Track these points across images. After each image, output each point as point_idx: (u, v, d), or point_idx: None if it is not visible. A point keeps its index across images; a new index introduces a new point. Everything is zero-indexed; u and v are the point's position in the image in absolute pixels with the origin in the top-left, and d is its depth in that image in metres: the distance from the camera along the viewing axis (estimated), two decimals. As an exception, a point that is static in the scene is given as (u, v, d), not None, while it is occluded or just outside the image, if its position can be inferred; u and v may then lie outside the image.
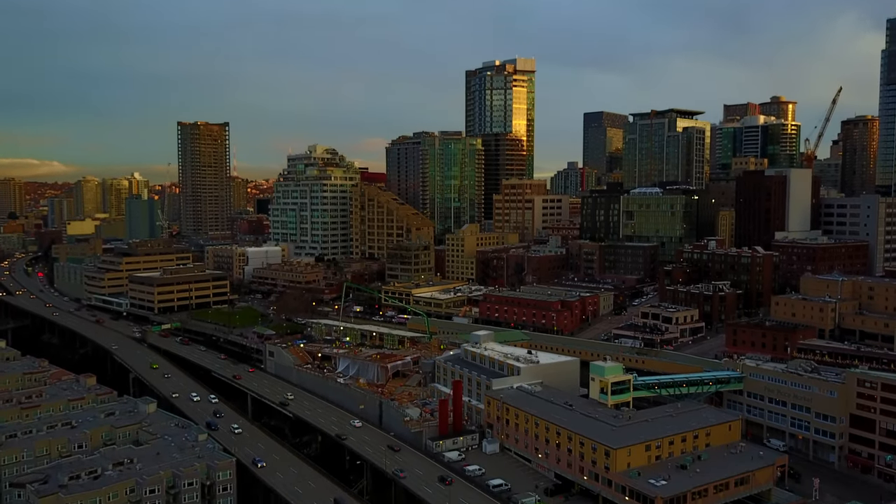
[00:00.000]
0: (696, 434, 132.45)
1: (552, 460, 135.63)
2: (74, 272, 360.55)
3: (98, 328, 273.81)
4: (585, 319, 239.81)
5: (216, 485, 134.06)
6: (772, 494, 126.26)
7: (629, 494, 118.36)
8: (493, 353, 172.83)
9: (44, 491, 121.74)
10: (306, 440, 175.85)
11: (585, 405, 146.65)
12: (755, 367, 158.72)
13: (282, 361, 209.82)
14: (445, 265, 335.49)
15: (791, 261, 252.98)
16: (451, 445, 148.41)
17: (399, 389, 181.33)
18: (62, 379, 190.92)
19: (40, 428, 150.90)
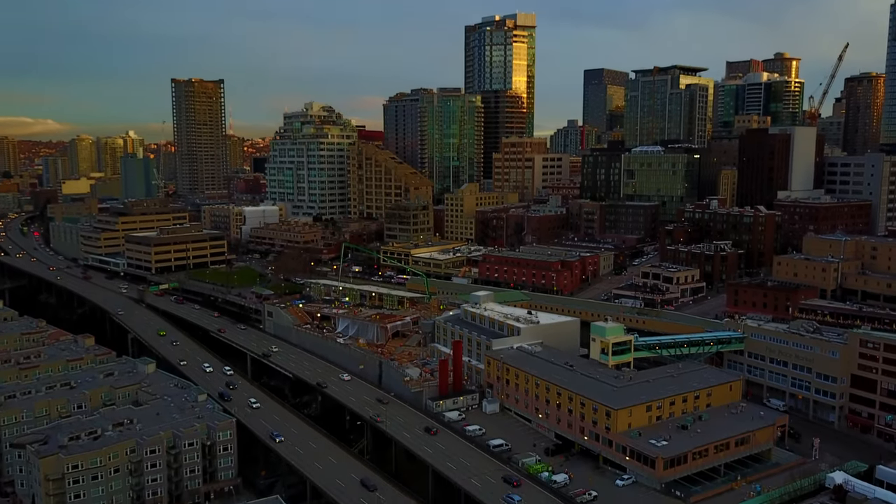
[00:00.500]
0: (697, 394, 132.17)
1: (552, 420, 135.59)
2: (70, 232, 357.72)
3: (96, 288, 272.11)
4: (585, 279, 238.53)
5: (216, 445, 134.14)
6: (771, 454, 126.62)
7: (630, 455, 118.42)
8: (493, 314, 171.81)
9: (44, 451, 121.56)
10: (306, 400, 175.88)
11: (586, 365, 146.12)
12: (756, 328, 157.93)
13: (281, 321, 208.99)
14: (444, 225, 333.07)
15: (793, 220, 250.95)
16: (451, 405, 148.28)
17: (399, 349, 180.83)
18: (60, 339, 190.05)
19: (39, 388, 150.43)
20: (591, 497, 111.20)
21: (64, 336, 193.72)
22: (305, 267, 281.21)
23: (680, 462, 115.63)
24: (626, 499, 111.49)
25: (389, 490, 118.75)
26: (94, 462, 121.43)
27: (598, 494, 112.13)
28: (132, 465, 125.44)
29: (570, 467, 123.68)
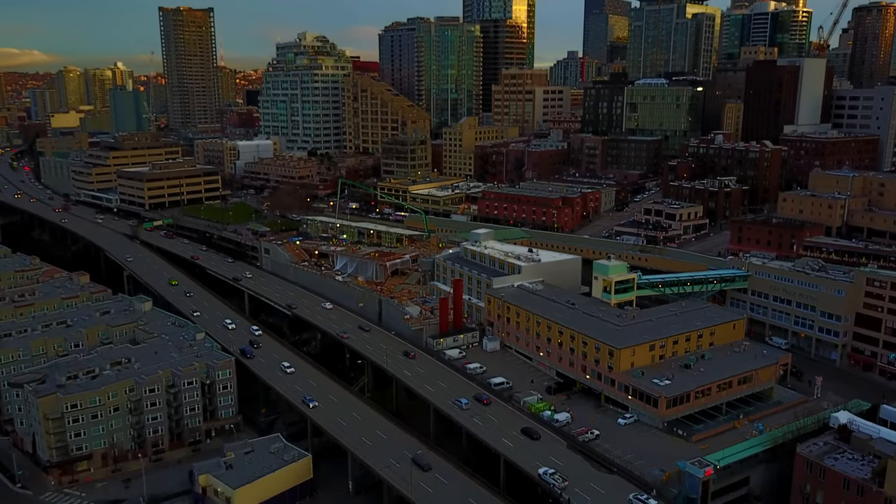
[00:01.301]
0: (701, 333, 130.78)
1: (554, 359, 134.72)
2: (61, 167, 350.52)
3: (90, 225, 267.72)
4: (586, 216, 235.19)
5: (216, 384, 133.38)
6: (773, 392, 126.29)
7: (632, 394, 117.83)
8: (494, 252, 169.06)
9: (42, 391, 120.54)
10: (305, 338, 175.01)
11: (588, 304, 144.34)
12: (761, 266, 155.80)
13: (278, 259, 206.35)
14: (442, 160, 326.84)
15: (798, 155, 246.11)
16: (452, 343, 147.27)
17: (398, 288, 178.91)
18: (55, 277, 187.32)
19: (35, 327, 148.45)
20: (594, 436, 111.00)
21: (58, 273, 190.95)
22: (301, 203, 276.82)
23: (682, 401, 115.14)
24: (628, 437, 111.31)
25: (390, 428, 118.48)
26: (93, 401, 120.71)
27: (601, 433, 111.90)
28: (131, 404, 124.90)
29: (572, 406, 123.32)
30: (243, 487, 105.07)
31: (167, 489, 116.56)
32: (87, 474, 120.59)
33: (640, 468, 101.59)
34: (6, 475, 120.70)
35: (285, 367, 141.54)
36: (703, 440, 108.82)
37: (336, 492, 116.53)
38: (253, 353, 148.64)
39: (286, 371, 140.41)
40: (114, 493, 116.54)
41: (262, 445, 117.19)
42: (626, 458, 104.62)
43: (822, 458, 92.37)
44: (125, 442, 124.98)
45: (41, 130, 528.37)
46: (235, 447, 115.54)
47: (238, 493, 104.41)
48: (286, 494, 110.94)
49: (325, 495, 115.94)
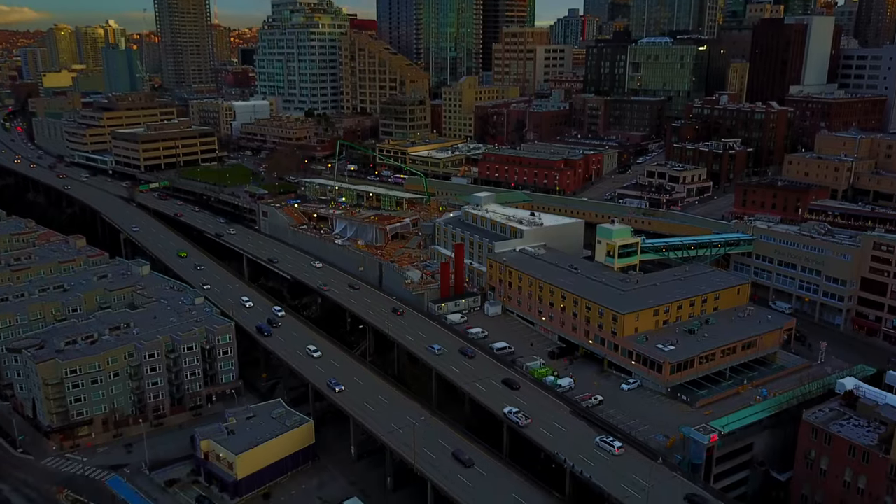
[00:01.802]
0: (705, 298, 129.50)
1: (556, 324, 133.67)
2: (54, 128, 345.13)
3: (83, 187, 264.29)
4: (588, 179, 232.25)
5: (216, 349, 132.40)
6: (777, 357, 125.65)
7: (636, 359, 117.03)
8: (495, 216, 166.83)
9: (41, 356, 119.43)
10: (305, 302, 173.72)
11: (591, 268, 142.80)
12: (766, 230, 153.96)
13: (276, 222, 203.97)
14: (442, 121, 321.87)
15: (804, 117, 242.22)
16: (453, 308, 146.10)
17: (398, 252, 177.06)
18: (51, 240, 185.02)
19: (32, 291, 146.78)
20: (597, 401, 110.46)
21: (55, 237, 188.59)
22: (299, 165, 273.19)
23: (686, 367, 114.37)
24: (631, 403, 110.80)
25: (392, 392, 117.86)
26: (93, 367, 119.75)
27: (604, 399, 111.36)
28: (131, 370, 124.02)
29: (574, 371, 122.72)
30: (245, 453, 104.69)
31: (169, 454, 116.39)
32: (89, 439, 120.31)
33: (644, 434, 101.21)
34: (7, 440, 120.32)
35: (312, 352, 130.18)
36: (707, 406, 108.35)
37: (338, 457, 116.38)
38: (270, 331, 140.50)
39: (312, 355, 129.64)
40: (115, 457, 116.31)
41: (264, 411, 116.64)
42: (630, 423, 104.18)
43: (827, 424, 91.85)
44: (126, 407, 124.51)
45: (33, 90, 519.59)
46: (237, 413, 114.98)
47: (240, 459, 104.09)
48: (288, 460, 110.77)
49: (327, 460, 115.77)
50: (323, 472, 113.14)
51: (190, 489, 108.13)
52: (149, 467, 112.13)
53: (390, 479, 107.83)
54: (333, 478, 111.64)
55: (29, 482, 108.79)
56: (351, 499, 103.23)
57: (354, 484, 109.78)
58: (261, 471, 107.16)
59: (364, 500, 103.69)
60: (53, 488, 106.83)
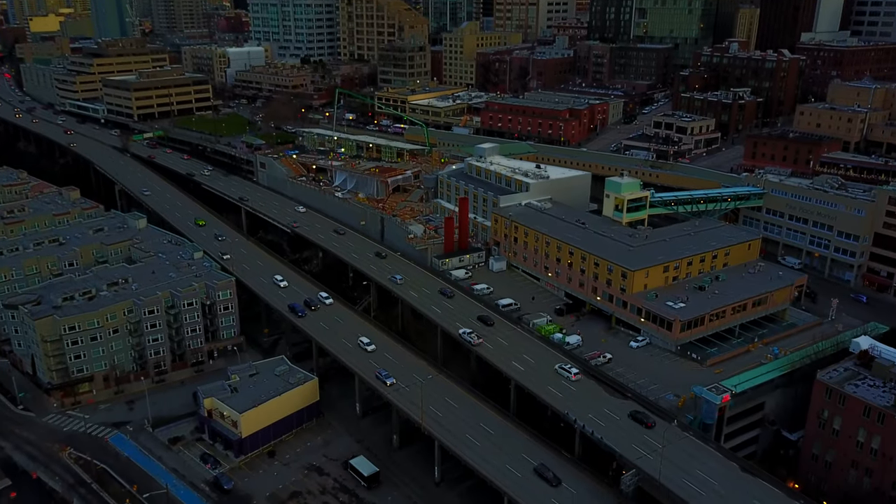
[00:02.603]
0: (715, 254, 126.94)
1: (563, 280, 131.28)
2: (43, 75, 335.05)
3: (82, 140, 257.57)
4: (594, 129, 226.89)
5: (217, 304, 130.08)
6: (786, 314, 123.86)
7: (646, 316, 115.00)
8: (500, 168, 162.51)
9: (38, 312, 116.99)
10: (306, 256, 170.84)
11: (599, 223, 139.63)
12: (778, 184, 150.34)
13: (274, 173, 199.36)
14: (442, 69, 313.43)
15: (815, 66, 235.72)
16: (458, 263, 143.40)
17: (400, 205, 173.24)
18: (44, 192, 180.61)
19: (27, 245, 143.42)
20: (606, 360, 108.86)
21: (48, 188, 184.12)
22: (296, 114, 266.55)
23: (696, 325, 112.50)
24: (641, 361, 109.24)
25: (397, 349, 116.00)
26: (92, 323, 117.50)
27: (613, 357, 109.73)
28: (131, 326, 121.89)
29: (581, 328, 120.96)
30: (249, 411, 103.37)
31: (171, 411, 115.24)
32: (90, 396, 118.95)
33: (654, 393, 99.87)
34: (7, 397, 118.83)
35: (364, 345, 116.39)
36: (717, 364, 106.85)
37: (342, 413, 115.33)
38: (305, 311, 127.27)
39: (366, 348, 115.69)
40: (118, 415, 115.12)
41: (268, 368, 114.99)
42: (640, 382, 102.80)
43: (842, 384, 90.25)
44: (126, 364, 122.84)
45: (20, 35, 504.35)
46: (240, 370, 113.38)
47: (244, 417, 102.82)
48: (293, 417, 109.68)
49: (332, 417, 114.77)
50: (328, 429, 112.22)
51: (194, 447, 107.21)
52: (151, 425, 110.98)
53: (396, 436, 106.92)
54: (338, 435, 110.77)
55: (31, 440, 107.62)
56: (358, 457, 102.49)
57: (360, 441, 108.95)
58: (265, 428, 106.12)
59: (370, 458, 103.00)
60: (56, 446, 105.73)
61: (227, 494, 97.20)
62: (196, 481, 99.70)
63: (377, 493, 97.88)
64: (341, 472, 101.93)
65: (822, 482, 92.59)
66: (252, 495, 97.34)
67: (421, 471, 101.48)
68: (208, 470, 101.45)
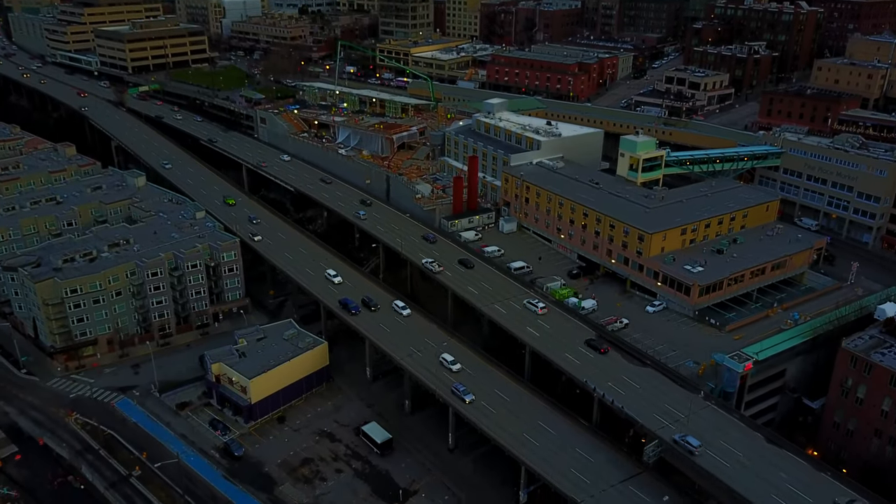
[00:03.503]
0: (733, 216, 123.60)
1: (576, 242, 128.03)
2: (33, 25, 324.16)
3: (69, 90, 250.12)
4: (603, 84, 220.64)
5: (221, 266, 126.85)
6: (804, 277, 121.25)
7: (663, 280, 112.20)
8: (509, 125, 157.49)
9: (38, 275, 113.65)
10: (310, 215, 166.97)
11: (613, 183, 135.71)
12: (797, 143, 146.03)
13: (275, 129, 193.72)
14: (445, 20, 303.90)
15: (832, 18, 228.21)
16: (467, 225, 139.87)
17: (406, 163, 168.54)
18: (38, 148, 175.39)
19: (23, 204, 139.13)
20: (623, 325, 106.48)
21: (42, 144, 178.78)
22: (296, 67, 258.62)
23: (715, 289, 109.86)
24: (658, 326, 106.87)
25: (412, 313, 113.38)
26: (94, 286, 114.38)
27: (629, 322, 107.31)
28: (134, 288, 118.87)
29: (595, 291, 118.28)
30: (259, 377, 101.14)
31: (178, 375, 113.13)
32: (94, 360, 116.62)
33: (673, 360, 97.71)
34: (9, 360, 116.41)
35: (447, 363, 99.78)
36: (736, 330, 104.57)
37: (352, 377, 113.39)
38: (359, 308, 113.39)
39: (451, 369, 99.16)
40: (123, 379, 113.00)
41: (275, 331, 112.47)
42: (658, 349, 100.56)
43: (868, 352, 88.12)
44: (130, 326, 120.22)
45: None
46: (247, 334, 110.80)
47: (254, 383, 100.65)
48: (302, 382, 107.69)
49: (342, 381, 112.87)
50: (338, 393, 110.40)
51: (202, 412, 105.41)
52: (158, 389, 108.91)
53: (408, 402, 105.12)
54: (349, 399, 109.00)
55: (35, 405, 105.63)
56: (370, 423, 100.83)
57: (371, 406, 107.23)
58: (275, 394, 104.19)
59: (382, 424, 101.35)
60: (61, 411, 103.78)
61: (237, 461, 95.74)
62: (206, 447, 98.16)
63: (390, 460, 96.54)
64: (353, 439, 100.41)
65: (841, 450, 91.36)
66: (263, 462, 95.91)
67: (434, 437, 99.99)
68: (218, 436, 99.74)
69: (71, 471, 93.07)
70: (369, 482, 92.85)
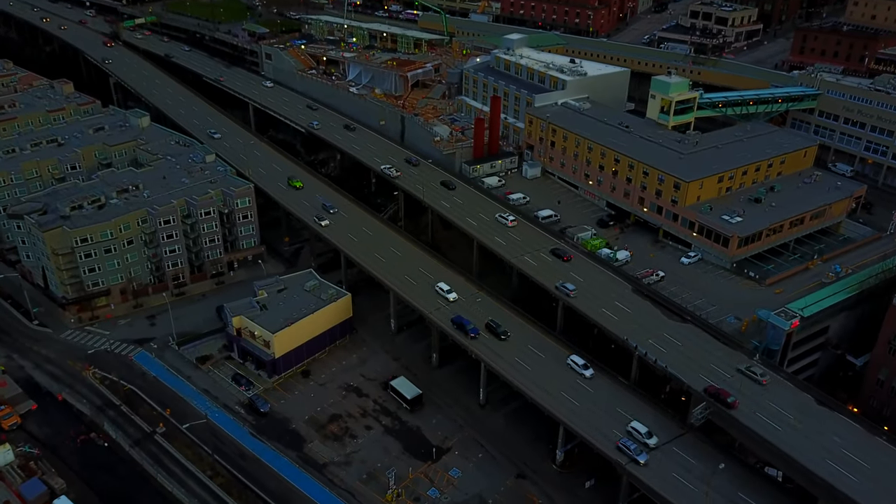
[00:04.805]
0: (771, 162, 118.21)
1: (605, 188, 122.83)
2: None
3: (60, 23, 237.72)
4: (623, 18, 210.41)
5: (235, 213, 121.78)
6: (841, 227, 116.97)
7: (699, 231, 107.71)
8: (531, 62, 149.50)
9: (46, 223, 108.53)
10: (322, 158, 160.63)
11: (643, 127, 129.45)
12: (835, 83, 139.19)
13: (282, 66, 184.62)
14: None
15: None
16: (489, 170, 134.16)
17: (421, 102, 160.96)
18: (34, 85, 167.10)
19: (23, 146, 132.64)
20: (659, 278, 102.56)
21: (37, 81, 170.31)
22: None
23: (754, 240, 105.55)
24: (694, 279, 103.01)
25: (433, 264, 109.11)
26: (105, 235, 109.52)
27: (665, 274, 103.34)
28: (146, 237, 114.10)
29: (626, 241, 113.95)
30: (283, 331, 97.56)
31: (195, 326, 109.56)
32: (108, 311, 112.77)
33: (713, 315, 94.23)
34: (20, 311, 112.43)
35: None
36: (776, 283, 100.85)
37: (375, 329, 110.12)
38: (479, 332, 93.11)
39: None
40: (139, 330, 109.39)
41: (296, 282, 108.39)
42: (697, 303, 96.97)
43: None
44: (143, 276, 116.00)
45: None
46: (267, 285, 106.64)
47: (278, 337, 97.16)
48: (326, 334, 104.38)
49: (365, 333, 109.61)
50: (362, 346, 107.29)
51: (223, 366, 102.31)
52: (177, 342, 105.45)
53: (436, 355, 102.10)
54: (374, 352, 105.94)
55: (51, 358, 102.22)
56: (398, 378, 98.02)
57: (397, 360, 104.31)
58: (298, 348, 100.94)
59: (410, 378, 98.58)
60: (78, 365, 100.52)
61: (263, 417, 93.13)
62: (230, 403, 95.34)
63: (420, 416, 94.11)
64: (381, 393, 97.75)
65: (884, 407, 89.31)
66: (290, 419, 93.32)
67: (463, 391, 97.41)
68: (242, 392, 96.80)
69: (93, 428, 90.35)
70: (400, 439, 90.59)
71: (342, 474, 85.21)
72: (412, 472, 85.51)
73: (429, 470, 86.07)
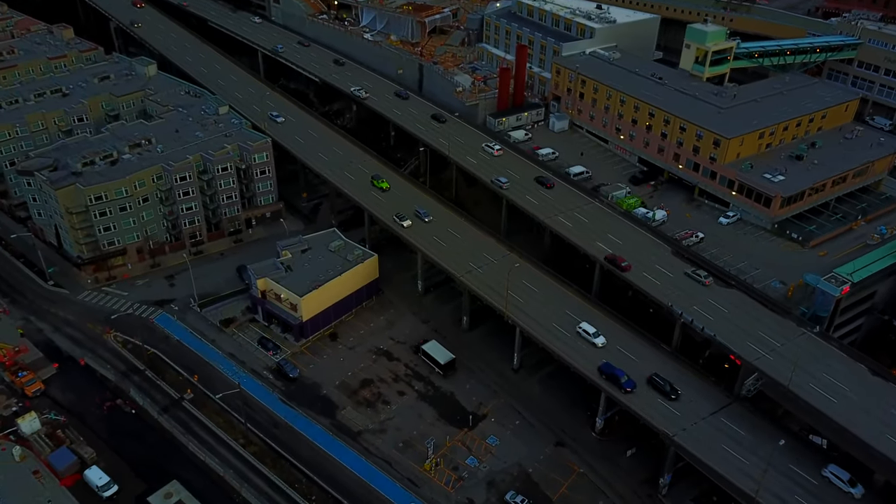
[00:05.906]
0: (812, 117, 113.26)
1: (638, 143, 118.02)
2: None
3: None
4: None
5: (252, 168, 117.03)
6: (881, 185, 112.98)
7: (738, 190, 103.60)
8: (556, 8, 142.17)
9: (58, 181, 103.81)
10: (337, 109, 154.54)
11: (677, 78, 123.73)
12: (876, 32, 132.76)
13: (291, 10, 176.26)
14: None
15: None
16: (515, 123, 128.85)
17: (440, 50, 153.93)
18: (31, 30, 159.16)
19: (26, 96, 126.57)
20: (698, 239, 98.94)
21: (35, 25, 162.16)
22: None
23: (796, 199, 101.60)
24: (734, 241, 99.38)
25: (462, 224, 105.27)
26: (120, 192, 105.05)
27: (704, 236, 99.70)
28: (162, 194, 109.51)
29: (660, 199, 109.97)
30: (310, 294, 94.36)
31: (215, 287, 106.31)
32: (125, 270, 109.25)
33: (758, 280, 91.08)
34: (34, 270, 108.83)
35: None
36: (820, 245, 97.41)
37: (402, 290, 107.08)
38: (633, 385, 78.97)
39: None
40: (158, 291, 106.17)
41: (320, 242, 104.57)
42: (739, 266, 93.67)
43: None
44: (160, 234, 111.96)
45: None
46: (290, 245, 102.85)
47: (305, 301, 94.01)
48: (352, 296, 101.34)
49: (391, 294, 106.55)
50: (389, 308, 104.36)
51: (248, 329, 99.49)
52: (198, 304, 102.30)
53: (466, 318, 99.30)
54: (402, 314, 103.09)
55: (70, 320, 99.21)
56: (430, 342, 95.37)
57: (426, 322, 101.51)
58: (325, 310, 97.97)
59: (441, 342, 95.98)
60: (98, 328, 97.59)
61: (293, 383, 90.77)
62: (257, 368, 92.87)
63: (454, 381, 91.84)
64: (412, 357, 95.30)
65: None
66: (321, 384, 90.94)
67: (496, 355, 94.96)
68: (270, 357, 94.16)
69: (118, 394, 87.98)
70: (435, 405, 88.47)
71: (377, 442, 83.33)
72: (449, 440, 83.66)
73: (465, 437, 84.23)
